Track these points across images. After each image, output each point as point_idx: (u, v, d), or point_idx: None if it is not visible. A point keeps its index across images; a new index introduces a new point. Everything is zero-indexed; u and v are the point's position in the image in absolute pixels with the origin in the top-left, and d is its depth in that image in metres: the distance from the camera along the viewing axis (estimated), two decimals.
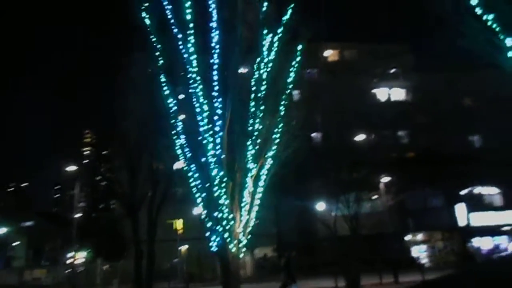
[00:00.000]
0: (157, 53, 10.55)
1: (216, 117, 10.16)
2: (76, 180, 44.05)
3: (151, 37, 10.62)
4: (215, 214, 10.06)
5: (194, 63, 9.98)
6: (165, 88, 10.40)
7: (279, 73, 10.42)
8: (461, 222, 36.16)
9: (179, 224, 31.69)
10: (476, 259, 33.45)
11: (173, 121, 10.69)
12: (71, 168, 44.63)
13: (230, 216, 10.10)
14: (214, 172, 10.10)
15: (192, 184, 10.47)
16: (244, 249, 10.26)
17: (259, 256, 39.92)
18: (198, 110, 10.16)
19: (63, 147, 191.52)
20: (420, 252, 36.90)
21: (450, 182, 35.04)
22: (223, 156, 10.22)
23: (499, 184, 39.31)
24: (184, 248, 34.30)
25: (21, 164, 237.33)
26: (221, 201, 10.06)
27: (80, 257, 42.95)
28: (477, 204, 37.40)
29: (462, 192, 37.09)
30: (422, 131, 43.48)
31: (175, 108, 10.51)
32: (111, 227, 42.29)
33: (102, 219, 54.22)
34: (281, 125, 10.62)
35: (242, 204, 10.32)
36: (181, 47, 10.18)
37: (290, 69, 10.75)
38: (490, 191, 39.36)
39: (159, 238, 24.71)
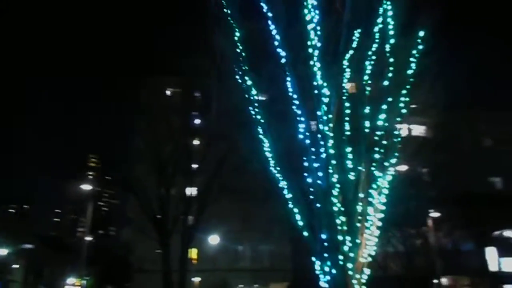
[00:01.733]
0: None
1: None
2: (83, 203, 42.38)
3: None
4: (330, 235, 8.31)
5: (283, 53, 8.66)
6: (249, 83, 9.10)
7: (397, 64, 8.78)
8: (492, 267, 33.89)
9: (193, 253, 29.69)
10: None
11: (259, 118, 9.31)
12: (74, 191, 43.07)
13: (350, 240, 8.40)
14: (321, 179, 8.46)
15: (288, 196, 8.92)
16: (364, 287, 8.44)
17: None
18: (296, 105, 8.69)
19: (66, 171, 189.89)
20: None
21: (481, 224, 33.19)
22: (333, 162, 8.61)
23: None
24: (197, 280, 32.15)
25: (23, 186, 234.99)
26: (337, 219, 8.39)
27: (81, 283, 40.59)
28: (508, 248, 35.26)
29: (493, 235, 35.02)
30: (442, 169, 42.17)
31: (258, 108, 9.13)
32: (119, 254, 40.14)
33: (109, 245, 52.01)
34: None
35: (368, 224, 8.61)
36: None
37: (410, 59, 8.92)
38: None
39: (172, 269, 22.89)
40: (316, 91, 8.26)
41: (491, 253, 34.51)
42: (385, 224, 8.42)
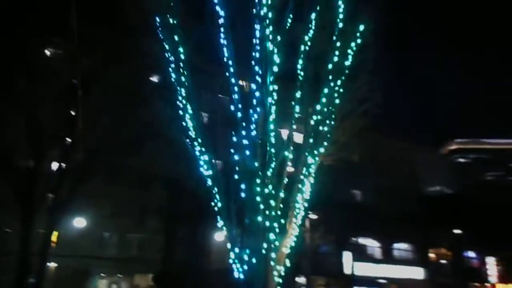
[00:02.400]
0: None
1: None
2: None
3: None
4: (254, 220, 7.40)
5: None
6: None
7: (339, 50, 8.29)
8: (346, 270, 37.24)
9: (54, 236, 26.36)
10: None
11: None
12: None
13: (278, 226, 7.60)
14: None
15: (207, 174, 7.83)
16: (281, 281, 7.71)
17: (135, 284, 35.49)
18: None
19: None
20: None
21: (341, 230, 36.31)
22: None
23: (378, 238, 42.19)
24: (52, 265, 28.60)
25: None
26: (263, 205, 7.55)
27: None
28: (361, 254, 39.19)
29: (350, 241, 38.57)
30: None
31: None
32: None
33: None
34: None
35: (295, 212, 7.87)
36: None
37: (348, 51, 8.58)
38: (371, 243, 41.89)
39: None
40: (258, 58, 7.46)
41: (347, 257, 37.95)
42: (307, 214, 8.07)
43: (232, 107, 7.81)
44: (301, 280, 35.96)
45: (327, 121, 7.59)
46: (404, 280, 41.49)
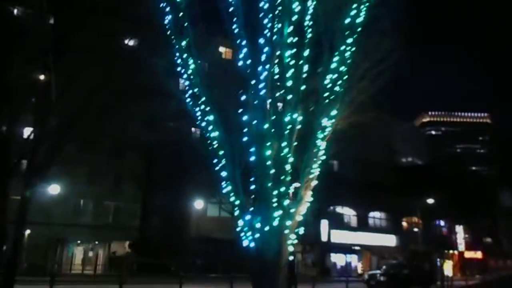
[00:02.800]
0: None
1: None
2: None
3: None
4: (266, 186, 6.84)
5: None
6: None
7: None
8: (323, 237, 37.95)
9: None
10: (331, 273, 35.25)
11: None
12: None
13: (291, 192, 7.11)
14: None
15: (213, 135, 7.26)
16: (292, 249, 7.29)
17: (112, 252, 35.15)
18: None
19: None
20: None
21: (319, 199, 36.62)
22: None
23: (354, 207, 43.05)
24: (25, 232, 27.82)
25: None
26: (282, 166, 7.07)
27: None
28: (337, 222, 39.93)
29: (328, 210, 39.12)
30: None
31: None
32: None
33: None
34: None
35: (312, 176, 7.34)
36: None
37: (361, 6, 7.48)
38: (348, 212, 42.72)
39: None
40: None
41: (324, 225, 38.61)
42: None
43: (240, 62, 7.10)
44: None
45: (342, 81, 6.89)
46: (378, 247, 42.80)
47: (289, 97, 6.75)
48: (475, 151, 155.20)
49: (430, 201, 41.54)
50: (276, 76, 6.99)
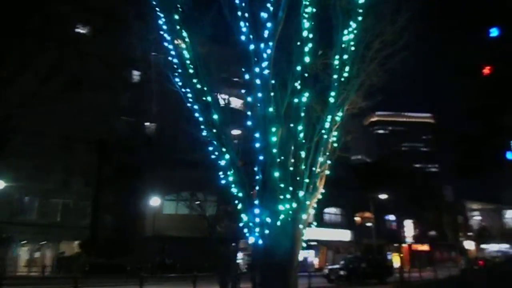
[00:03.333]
0: None
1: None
2: None
3: None
4: (271, 175, 6.09)
5: None
6: None
7: None
8: None
9: None
10: None
11: None
12: None
13: (309, 182, 6.39)
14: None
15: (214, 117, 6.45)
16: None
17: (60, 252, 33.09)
18: None
19: None
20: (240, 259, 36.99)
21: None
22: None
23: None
24: None
25: None
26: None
27: None
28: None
29: None
30: None
31: None
32: None
33: None
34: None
35: (327, 164, 6.67)
36: None
37: None
38: None
39: None
40: None
41: None
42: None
43: (242, 37, 6.27)
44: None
45: (351, 63, 6.25)
46: (334, 242, 43.49)
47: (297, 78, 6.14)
48: (419, 150, 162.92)
49: (383, 196, 42.78)
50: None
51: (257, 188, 6.33)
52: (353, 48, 6.31)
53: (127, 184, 33.72)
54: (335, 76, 6.46)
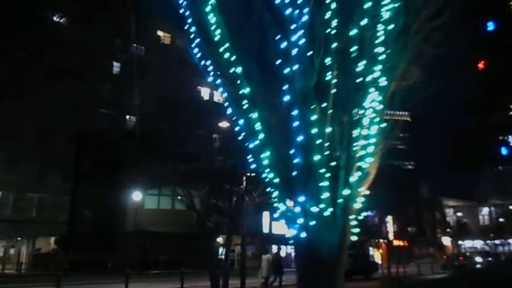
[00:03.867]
0: None
1: None
2: None
3: None
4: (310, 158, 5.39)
5: None
6: None
7: None
8: (265, 229, 37.61)
9: None
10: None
11: None
12: None
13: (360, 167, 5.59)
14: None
15: (245, 91, 5.61)
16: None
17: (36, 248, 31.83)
18: None
19: None
20: (220, 255, 36.42)
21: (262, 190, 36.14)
22: None
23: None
24: None
25: None
26: None
27: None
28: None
29: (269, 201, 38.81)
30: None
31: None
32: None
33: None
34: None
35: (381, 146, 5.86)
36: None
37: None
38: (289, 204, 42.79)
39: None
40: None
41: (265, 217, 38.26)
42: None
43: (277, 0, 5.45)
44: (219, 239, 35.51)
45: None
46: None
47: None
48: (396, 147, 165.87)
49: (366, 192, 42.84)
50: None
51: (295, 173, 5.68)
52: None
53: (107, 178, 32.66)
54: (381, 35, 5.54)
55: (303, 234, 5.42)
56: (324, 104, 5.63)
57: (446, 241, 65.90)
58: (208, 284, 17.93)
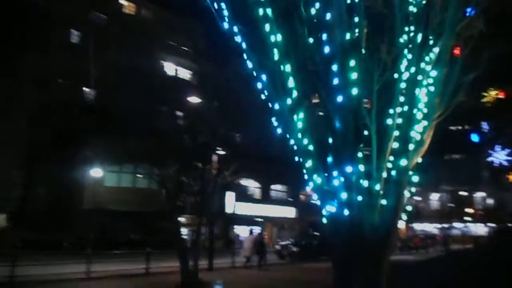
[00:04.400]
0: None
1: None
2: None
3: None
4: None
5: None
6: None
7: None
8: (228, 209, 37.21)
9: None
10: (234, 244, 35.02)
11: None
12: None
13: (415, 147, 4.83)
14: None
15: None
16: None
17: None
18: None
19: None
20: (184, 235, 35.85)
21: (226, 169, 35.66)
22: None
23: (258, 179, 43.11)
24: None
25: None
26: None
27: None
28: (242, 194, 39.54)
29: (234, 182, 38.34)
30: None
31: None
32: None
33: None
34: None
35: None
36: None
37: None
38: (252, 184, 42.63)
39: None
40: None
41: (229, 197, 37.81)
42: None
43: None
44: (181, 219, 34.76)
45: None
46: (279, 218, 43.72)
47: None
48: None
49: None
50: None
51: (330, 140, 4.99)
52: None
53: (65, 154, 30.89)
54: None
55: (346, 212, 4.78)
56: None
57: (401, 224, 68.55)
58: (173, 265, 17.37)
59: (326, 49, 4.84)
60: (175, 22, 46.12)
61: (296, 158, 5.27)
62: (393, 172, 4.87)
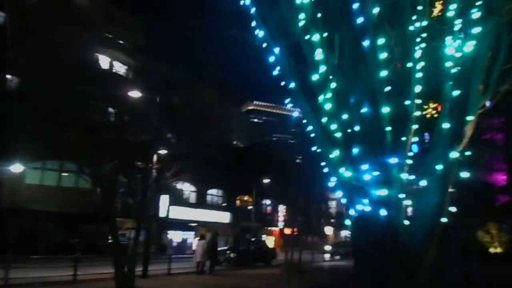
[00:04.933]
0: None
1: None
2: None
3: None
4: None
5: None
6: None
7: None
8: (162, 213, 35.64)
9: None
10: (167, 249, 33.82)
11: None
12: None
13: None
14: None
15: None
16: None
17: None
18: None
19: None
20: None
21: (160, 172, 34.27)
22: None
23: (194, 183, 41.91)
24: None
25: None
26: None
27: None
28: (177, 198, 38.16)
29: (168, 184, 36.90)
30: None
31: None
32: None
33: None
34: None
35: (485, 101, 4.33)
36: None
37: None
38: (188, 188, 41.29)
39: None
40: None
41: (163, 200, 36.24)
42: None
43: None
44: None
45: None
46: (213, 223, 42.77)
47: None
48: (287, 141, 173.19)
49: (265, 181, 43.47)
50: None
51: (357, 128, 4.34)
52: None
53: None
54: None
55: (383, 212, 4.12)
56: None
57: (329, 230, 70.56)
58: (104, 271, 15.99)
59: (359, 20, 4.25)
60: (113, 12, 43.81)
61: (315, 148, 4.55)
62: (439, 166, 4.27)
